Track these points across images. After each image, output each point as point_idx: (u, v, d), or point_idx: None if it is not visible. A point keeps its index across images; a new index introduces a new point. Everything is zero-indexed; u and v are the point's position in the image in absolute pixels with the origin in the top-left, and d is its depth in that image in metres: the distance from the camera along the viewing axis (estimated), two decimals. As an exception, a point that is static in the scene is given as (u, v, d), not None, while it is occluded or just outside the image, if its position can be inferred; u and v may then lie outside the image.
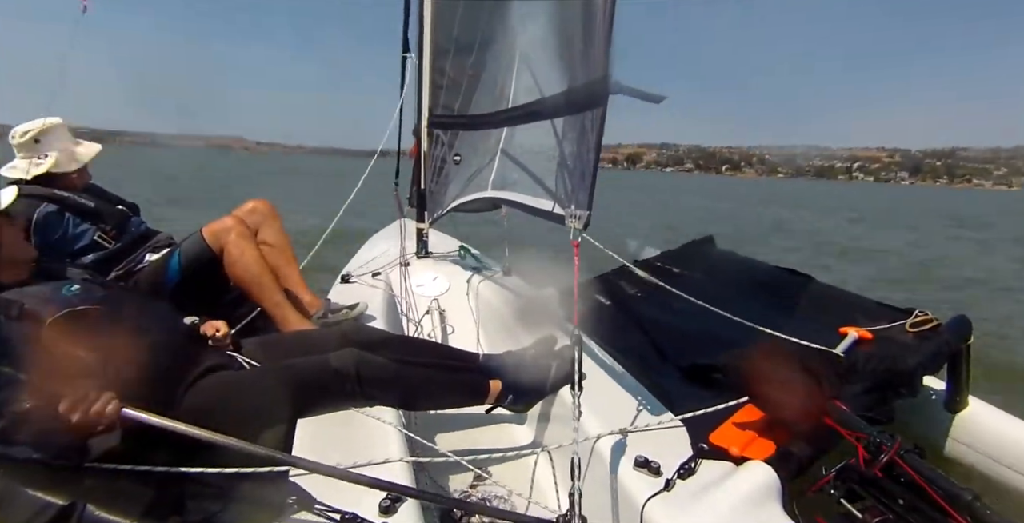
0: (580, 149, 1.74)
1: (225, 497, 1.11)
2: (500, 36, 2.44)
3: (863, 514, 1.08)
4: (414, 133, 3.10)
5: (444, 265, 3.03)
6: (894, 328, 2.00)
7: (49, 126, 2.11)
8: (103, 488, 1.06)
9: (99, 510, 0.93)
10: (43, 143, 2.10)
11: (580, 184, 1.72)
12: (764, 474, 1.22)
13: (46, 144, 2.11)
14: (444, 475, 1.58)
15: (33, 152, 2.09)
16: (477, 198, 2.66)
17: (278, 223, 2.29)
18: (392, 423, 1.41)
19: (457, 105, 2.80)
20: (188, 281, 2.09)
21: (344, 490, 1.11)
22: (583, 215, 1.58)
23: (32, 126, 2.11)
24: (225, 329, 1.62)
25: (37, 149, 2.10)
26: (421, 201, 3.10)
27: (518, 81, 2.28)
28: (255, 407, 1.37)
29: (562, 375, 1.70)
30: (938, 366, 1.85)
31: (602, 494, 1.29)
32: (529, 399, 1.73)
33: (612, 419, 1.45)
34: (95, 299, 1.37)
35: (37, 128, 2.09)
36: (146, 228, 2.33)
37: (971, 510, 1.00)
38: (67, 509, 0.92)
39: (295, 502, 1.07)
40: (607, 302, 2.41)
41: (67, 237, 2.05)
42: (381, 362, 1.53)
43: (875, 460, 1.11)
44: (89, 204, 2.12)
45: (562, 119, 1.90)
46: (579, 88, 1.72)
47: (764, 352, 1.43)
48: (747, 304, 2.16)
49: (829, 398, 1.26)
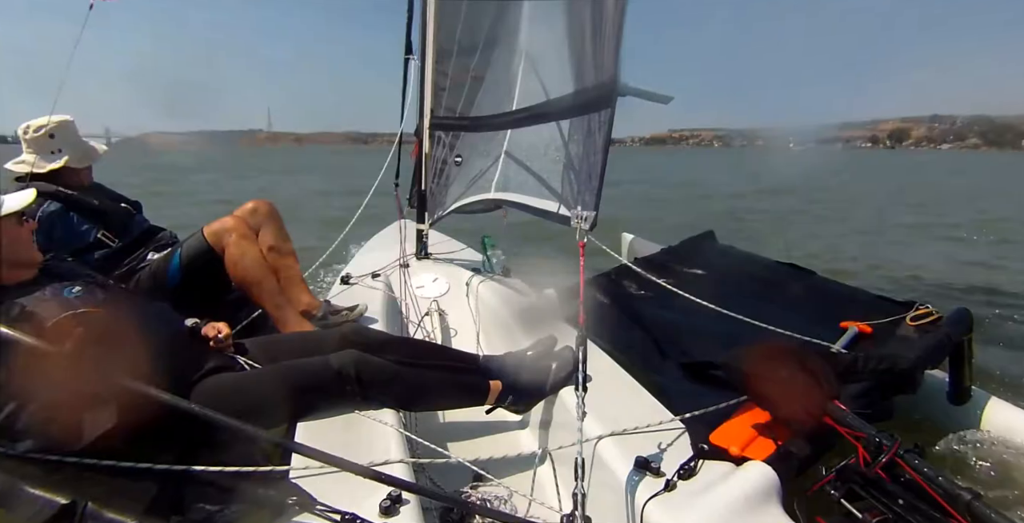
0: (587, 150, 1.75)
1: (225, 497, 1.12)
2: (504, 38, 2.45)
3: (863, 514, 1.08)
4: (416, 134, 3.10)
5: (444, 266, 3.03)
6: (894, 322, 2.00)
7: (63, 122, 2.10)
8: (104, 487, 1.07)
9: (100, 508, 0.94)
10: (57, 139, 2.08)
11: (587, 185, 1.72)
12: (764, 474, 1.22)
13: (60, 140, 2.08)
14: (444, 476, 1.58)
15: (46, 148, 2.07)
16: (479, 199, 2.67)
17: (279, 224, 2.29)
18: (392, 424, 1.41)
19: (459, 107, 2.81)
20: (189, 281, 2.09)
21: (344, 491, 1.11)
22: (590, 216, 1.59)
23: (44, 121, 2.07)
24: (226, 330, 1.63)
25: (51, 145, 2.07)
26: (421, 202, 3.11)
27: (523, 83, 2.28)
28: (256, 408, 1.38)
29: (563, 376, 1.71)
30: (940, 359, 1.85)
31: (603, 494, 1.29)
32: (529, 399, 1.73)
33: (612, 420, 1.45)
34: (96, 301, 1.37)
35: (53, 123, 2.07)
36: (149, 226, 2.33)
37: (971, 510, 0.99)
38: (69, 507, 0.92)
39: (295, 502, 1.07)
40: (607, 301, 2.41)
41: (70, 235, 2.05)
42: (381, 363, 1.53)
43: (875, 460, 1.11)
44: (93, 202, 2.12)
45: (568, 121, 1.90)
46: (587, 90, 1.73)
47: (764, 351, 1.43)
48: (748, 299, 2.16)
49: (829, 398, 1.26)
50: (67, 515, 0.91)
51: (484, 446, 1.80)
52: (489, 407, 1.71)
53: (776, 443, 1.34)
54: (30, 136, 2.07)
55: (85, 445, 1.14)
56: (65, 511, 0.91)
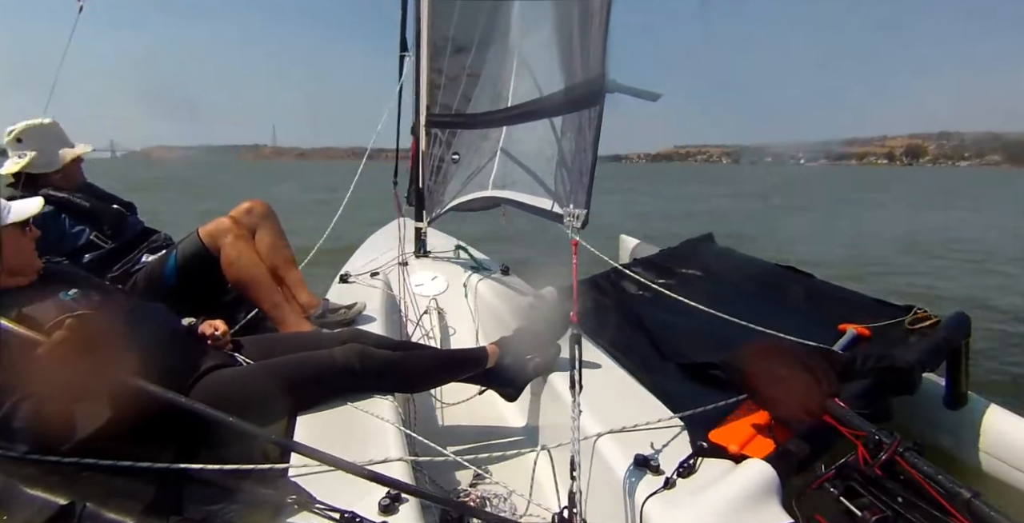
0: (578, 148, 1.74)
1: (225, 496, 1.11)
2: (498, 35, 2.44)
3: (862, 512, 1.08)
4: (412, 132, 3.10)
5: (443, 264, 3.03)
6: (893, 325, 2.00)
7: (32, 126, 2.12)
8: (103, 487, 1.06)
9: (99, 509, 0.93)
10: (24, 143, 2.10)
11: (578, 183, 1.72)
12: (763, 472, 1.22)
13: (27, 144, 2.10)
14: (444, 474, 1.58)
15: (15, 150, 2.11)
16: (477, 197, 2.67)
17: (276, 223, 2.28)
18: (392, 422, 1.41)
19: (455, 104, 2.81)
20: (185, 282, 2.08)
21: (344, 489, 1.11)
22: (581, 214, 1.58)
23: (17, 126, 2.12)
24: (224, 328, 1.62)
25: (19, 148, 2.11)
26: (419, 200, 3.11)
27: (516, 80, 2.28)
28: (258, 402, 1.38)
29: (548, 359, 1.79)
30: (937, 363, 1.85)
31: (602, 493, 1.29)
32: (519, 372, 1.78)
33: (611, 418, 1.45)
34: (92, 303, 1.37)
35: (20, 128, 2.11)
36: (143, 227, 2.32)
37: (970, 508, 0.99)
38: (67, 508, 0.92)
39: (295, 501, 1.07)
40: (606, 300, 2.42)
41: (63, 237, 2.05)
42: (384, 354, 1.56)
43: (875, 458, 1.11)
44: (85, 204, 2.12)
45: (561, 118, 1.90)
46: (576, 87, 1.73)
47: (763, 350, 1.43)
48: (746, 301, 2.16)
49: (828, 396, 1.26)
50: (66, 516, 0.91)
51: (483, 445, 1.80)
52: (481, 389, 1.79)
53: (775, 441, 1.34)
54: (5, 140, 2.11)
55: (81, 443, 1.14)
56: (64, 512, 0.91)
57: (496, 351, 1.77)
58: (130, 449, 1.15)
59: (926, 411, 1.97)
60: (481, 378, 1.78)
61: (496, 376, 1.78)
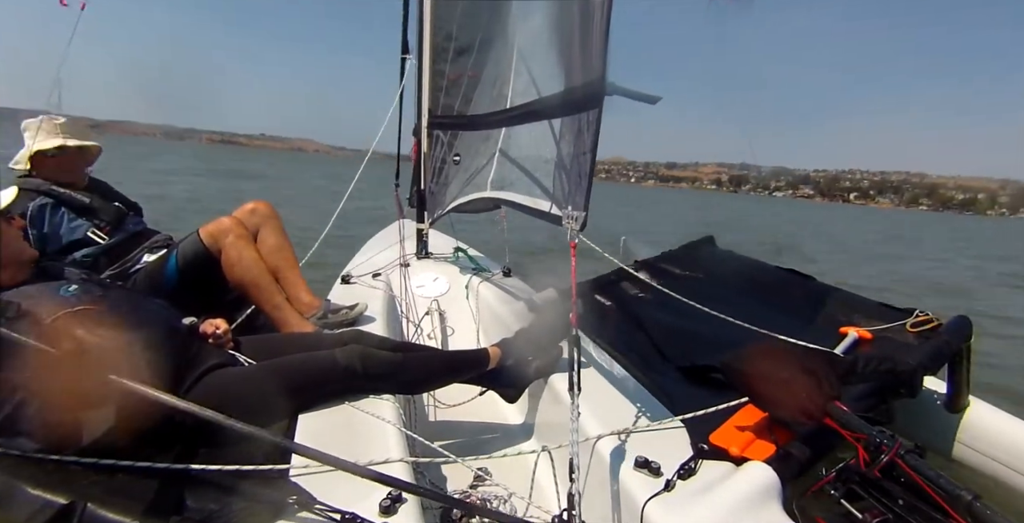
0: (577, 151, 1.74)
1: (225, 496, 1.11)
2: (499, 37, 2.45)
3: (863, 514, 1.08)
4: (414, 134, 3.10)
5: (444, 266, 3.03)
6: (894, 328, 2.00)
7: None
8: (103, 487, 1.06)
9: (99, 509, 0.93)
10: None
11: (577, 185, 1.72)
12: (764, 474, 1.22)
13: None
14: (444, 475, 1.58)
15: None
16: (476, 198, 2.67)
17: (278, 224, 2.28)
18: (393, 423, 1.41)
19: (457, 106, 2.81)
20: (186, 283, 2.08)
21: (344, 489, 1.11)
22: (580, 216, 1.58)
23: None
24: (225, 326, 1.62)
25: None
26: (421, 202, 3.11)
27: (516, 82, 2.29)
28: (260, 403, 1.38)
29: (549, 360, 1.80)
30: (938, 366, 1.85)
31: (602, 494, 1.29)
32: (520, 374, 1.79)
33: (612, 419, 1.45)
34: (93, 299, 1.37)
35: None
36: (144, 227, 2.33)
37: (971, 510, 0.99)
38: (67, 508, 0.91)
39: (295, 501, 1.06)
40: (607, 302, 2.42)
41: (60, 230, 2.09)
42: (386, 355, 1.55)
43: (875, 460, 1.11)
44: (84, 200, 2.16)
45: (560, 120, 1.90)
46: (575, 89, 1.73)
47: (764, 352, 1.43)
48: (747, 304, 2.16)
49: (830, 398, 1.26)
50: (66, 516, 0.91)
51: (484, 446, 1.80)
52: (482, 389, 1.79)
53: (776, 444, 1.34)
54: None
55: (86, 445, 1.14)
56: (64, 512, 0.91)
57: (498, 353, 1.77)
58: (131, 449, 1.15)
59: (927, 414, 1.97)
60: (482, 379, 1.78)
61: (497, 377, 1.78)
